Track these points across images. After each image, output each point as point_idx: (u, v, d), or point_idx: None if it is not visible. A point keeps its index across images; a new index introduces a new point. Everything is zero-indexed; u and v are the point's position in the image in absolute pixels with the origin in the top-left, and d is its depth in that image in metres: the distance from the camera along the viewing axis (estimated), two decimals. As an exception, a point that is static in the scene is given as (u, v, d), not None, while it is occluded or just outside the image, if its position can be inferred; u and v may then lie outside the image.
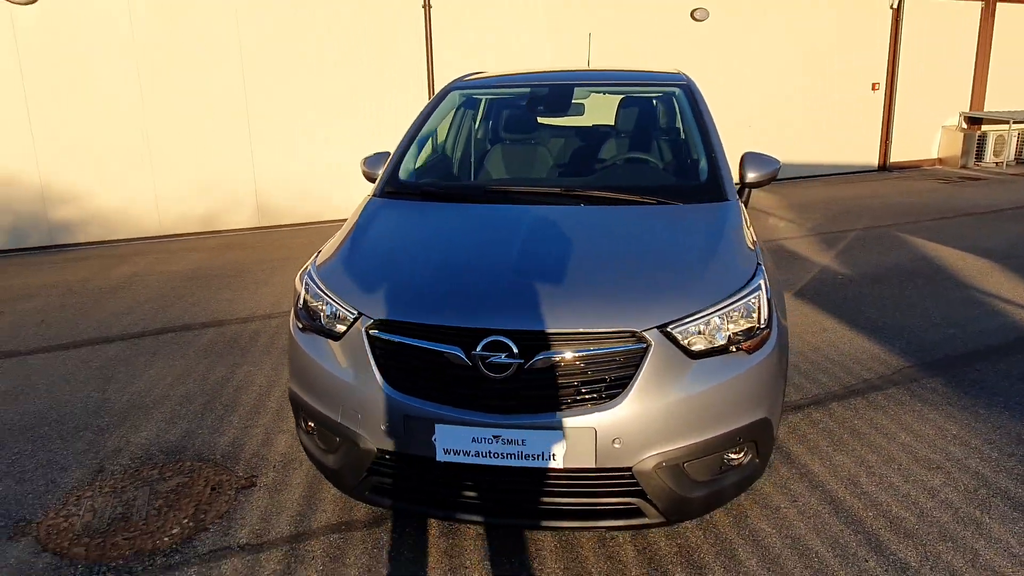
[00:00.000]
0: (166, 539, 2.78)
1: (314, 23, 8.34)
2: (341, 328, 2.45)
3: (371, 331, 2.38)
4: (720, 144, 3.34)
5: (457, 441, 2.27)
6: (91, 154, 7.70)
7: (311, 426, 2.61)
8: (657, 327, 2.26)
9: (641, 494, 2.28)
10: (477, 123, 4.16)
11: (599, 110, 4.08)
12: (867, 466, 3.23)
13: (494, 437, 2.24)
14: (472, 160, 4.02)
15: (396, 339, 2.34)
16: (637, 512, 2.31)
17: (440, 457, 2.30)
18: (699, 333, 2.33)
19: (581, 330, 2.24)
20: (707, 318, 2.33)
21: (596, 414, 2.21)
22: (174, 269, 6.86)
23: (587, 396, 2.23)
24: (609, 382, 2.23)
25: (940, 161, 13.20)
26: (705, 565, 2.58)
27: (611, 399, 2.22)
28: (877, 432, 3.53)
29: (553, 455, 2.23)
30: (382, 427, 2.34)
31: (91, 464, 3.34)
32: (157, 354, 4.68)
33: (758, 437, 2.43)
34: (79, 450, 3.46)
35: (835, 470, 3.20)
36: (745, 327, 2.42)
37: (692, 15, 10.36)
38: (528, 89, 3.93)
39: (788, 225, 8.31)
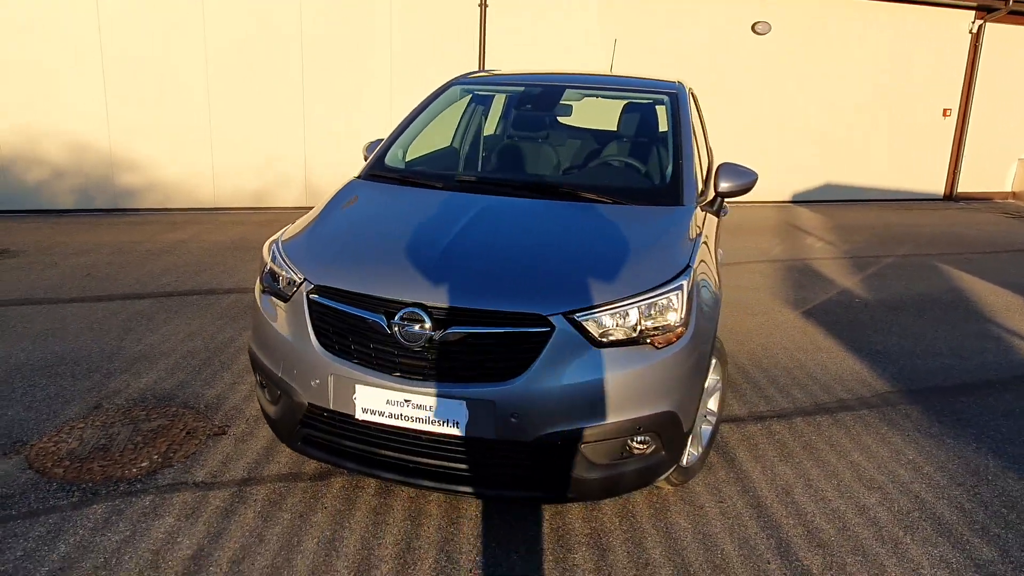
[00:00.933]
0: (134, 470, 3.09)
1: (373, 17, 8.70)
2: (289, 291, 2.70)
3: (311, 295, 2.62)
4: (691, 152, 3.44)
5: (374, 402, 2.47)
6: (158, 128, 8.27)
7: (262, 380, 2.86)
8: (563, 313, 2.41)
9: (540, 469, 2.44)
10: (470, 117, 4.36)
11: (588, 113, 4.22)
12: (807, 479, 3.27)
13: (405, 401, 2.44)
14: (460, 151, 4.23)
15: (330, 304, 2.57)
16: (535, 486, 2.47)
17: (359, 415, 2.51)
18: (609, 323, 2.46)
19: (490, 309, 2.41)
20: (618, 309, 2.47)
21: (496, 388, 2.38)
22: (218, 239, 7.32)
23: (490, 371, 2.40)
24: (512, 360, 2.40)
25: (1013, 195, 12.63)
26: (610, 549, 2.70)
27: (512, 376, 2.38)
28: (831, 449, 3.56)
29: (456, 423, 2.41)
30: (312, 383, 2.57)
31: (91, 401, 3.70)
32: (179, 313, 5.07)
33: (662, 429, 2.54)
34: (85, 388, 3.83)
35: (773, 479, 3.26)
36: (659, 323, 2.54)
37: (753, 28, 10.27)
38: (523, 88, 4.10)
39: (825, 246, 8.18)
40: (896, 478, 3.31)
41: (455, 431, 2.42)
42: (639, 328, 2.50)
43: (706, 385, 3.09)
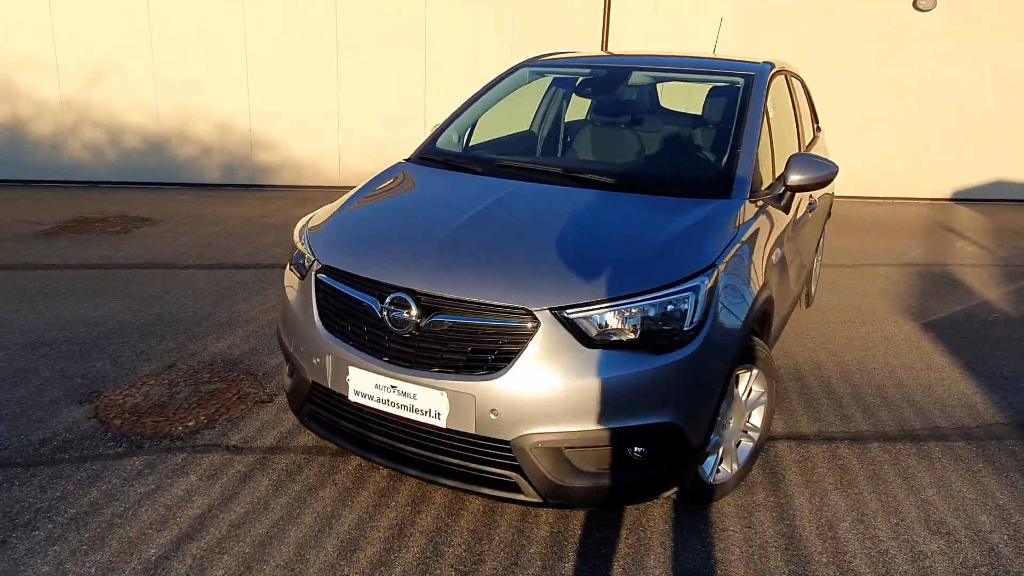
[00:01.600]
0: (180, 428, 3.30)
1: (498, 5, 8.72)
2: (303, 271, 2.74)
3: (318, 275, 2.65)
4: (753, 141, 3.12)
5: (364, 385, 2.47)
6: (292, 110, 8.79)
7: (285, 355, 2.95)
8: (550, 308, 2.27)
9: (518, 470, 2.33)
10: (550, 100, 4.22)
11: (675, 98, 3.95)
12: (860, 513, 2.91)
13: (392, 387, 2.41)
14: (535, 135, 4.12)
15: (332, 284, 2.59)
16: (515, 487, 2.36)
17: (351, 397, 2.51)
18: (606, 322, 2.29)
19: (476, 299, 2.32)
20: (616, 307, 2.29)
21: (477, 382, 2.29)
22: (335, 216, 7.68)
23: (474, 363, 2.31)
24: (496, 354, 2.29)
25: None
26: (608, 562, 2.54)
27: (495, 371, 2.28)
28: (902, 481, 3.14)
29: (439, 414, 2.35)
30: (315, 361, 2.61)
31: (168, 360, 4.00)
32: (273, 285, 5.36)
33: (660, 441, 2.34)
34: (167, 348, 4.15)
35: (820, 509, 2.92)
36: (666, 326, 2.33)
37: (915, 5, 9.24)
38: (590, 71, 3.91)
39: (975, 251, 7.25)
40: (973, 524, 2.87)
41: (437, 422, 2.36)
42: (642, 329, 2.31)
43: (747, 398, 2.84)
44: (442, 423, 2.35)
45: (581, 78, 3.91)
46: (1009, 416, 3.79)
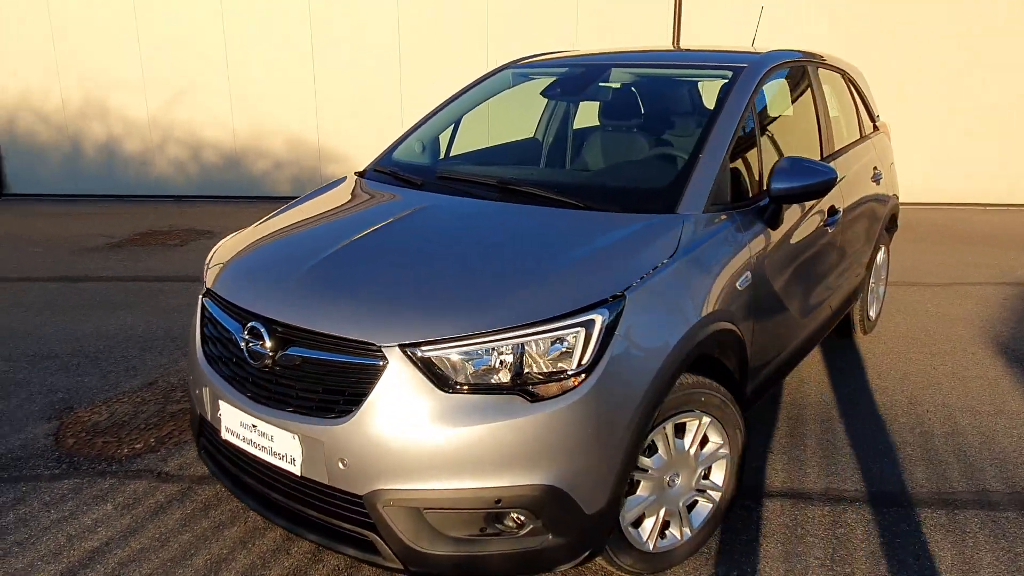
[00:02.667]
0: (125, 451, 3.22)
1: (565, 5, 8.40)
2: (200, 293, 2.56)
3: (203, 299, 2.45)
4: (720, 147, 2.63)
5: (232, 421, 2.24)
6: (356, 125, 8.85)
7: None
8: (400, 345, 1.94)
9: (374, 529, 2.02)
10: (554, 107, 3.86)
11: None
12: (841, 599, 2.36)
13: (253, 426, 2.17)
14: (519, 142, 3.78)
15: (212, 310, 2.39)
16: (373, 548, 2.05)
17: (223, 434, 2.29)
18: (466, 361, 1.94)
19: (324, 331, 2.03)
20: (479, 345, 1.93)
21: (325, 426, 2.00)
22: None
23: (324, 405, 2.03)
24: (345, 395, 2.00)
25: None
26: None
27: (344, 415, 1.98)
28: (914, 562, 2.54)
29: (293, 459, 2.08)
30: (196, 392, 2.41)
31: (152, 377, 3.97)
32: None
33: (538, 507, 1.95)
34: (157, 364, 4.14)
35: (791, 589, 2.40)
36: (546, 367, 1.95)
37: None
38: (565, 70, 3.51)
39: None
40: (990, 626, 2.25)
41: (293, 469, 2.09)
42: (514, 371, 1.94)
43: (695, 451, 2.39)
44: (297, 470, 2.08)
45: (551, 80, 3.53)
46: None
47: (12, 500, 2.86)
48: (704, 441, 2.48)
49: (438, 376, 1.93)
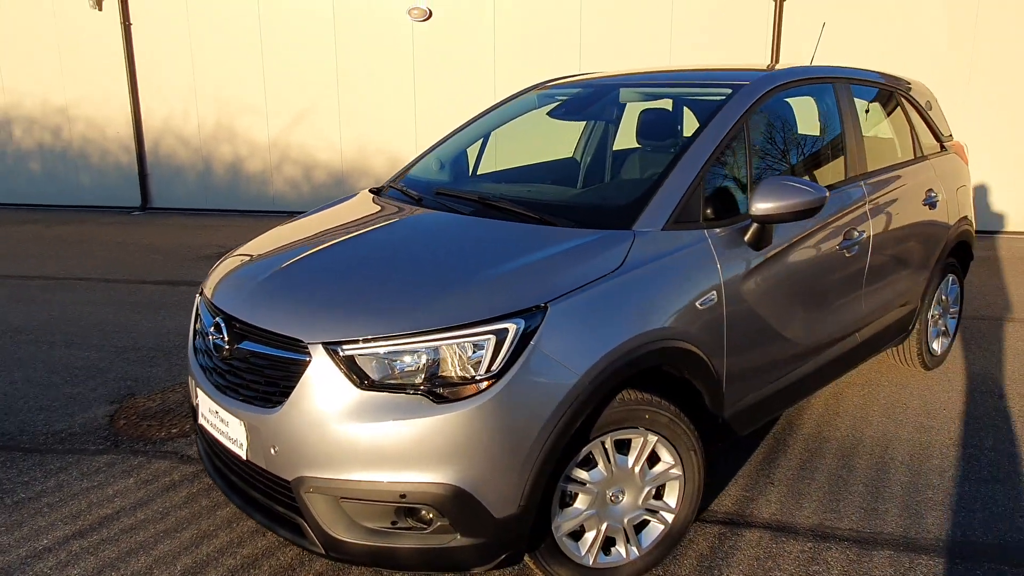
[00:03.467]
0: (162, 434, 3.58)
1: (652, 13, 8.37)
2: (206, 291, 2.84)
3: (198, 297, 2.72)
4: (698, 161, 2.59)
5: (205, 408, 2.47)
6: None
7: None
8: (324, 342, 2.08)
9: (300, 514, 2.16)
10: (592, 128, 3.91)
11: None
12: (787, 637, 2.24)
13: (216, 412, 2.38)
14: (552, 162, 3.84)
15: (200, 304, 2.64)
16: (302, 533, 2.19)
17: (199, 419, 2.53)
18: (384, 361, 2.05)
19: (263, 327, 2.21)
20: (398, 347, 2.04)
21: (262, 415, 2.17)
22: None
23: (264, 395, 2.20)
24: (280, 387, 2.16)
25: None
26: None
27: (276, 405, 2.15)
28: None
29: (241, 444, 2.27)
30: (190, 379, 2.68)
31: (209, 371, 4.36)
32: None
33: (442, 507, 2.02)
34: (218, 360, 4.54)
35: (736, 621, 2.30)
36: (458, 372, 2.02)
37: None
38: (579, 91, 3.54)
39: None
40: None
41: (241, 452, 2.28)
42: (427, 374, 2.03)
43: (639, 469, 2.38)
44: (244, 454, 2.27)
45: (557, 102, 3.57)
46: None
47: (57, 468, 3.27)
48: (656, 460, 2.44)
49: (357, 374, 2.06)
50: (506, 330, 2.04)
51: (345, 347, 2.07)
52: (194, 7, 9.57)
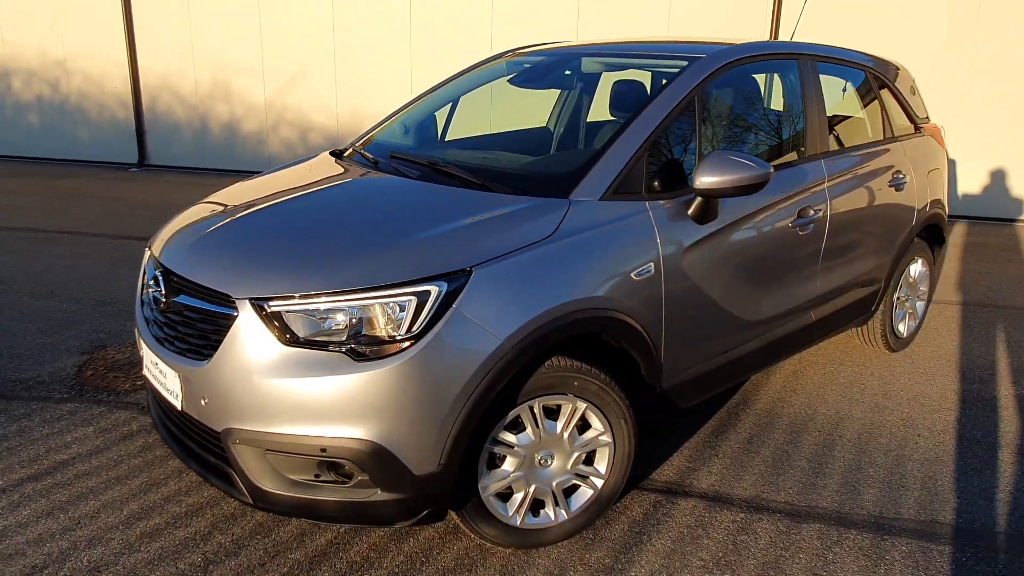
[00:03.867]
0: (127, 386, 3.65)
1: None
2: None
3: (148, 251, 2.76)
4: (643, 133, 2.59)
5: (147, 359, 2.53)
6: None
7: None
8: (251, 298, 2.12)
9: (230, 464, 2.22)
10: (566, 97, 3.90)
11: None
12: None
13: (155, 363, 2.44)
14: (525, 131, 3.84)
15: (146, 261, 2.69)
16: (232, 483, 2.25)
17: (144, 370, 2.59)
18: (306, 318, 2.09)
19: (197, 281, 2.26)
20: (321, 305, 2.08)
21: (192, 367, 2.23)
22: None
23: (196, 348, 2.25)
24: (210, 340, 2.21)
25: None
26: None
27: (206, 357, 2.20)
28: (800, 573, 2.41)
29: (177, 395, 2.33)
30: (137, 331, 2.73)
31: (182, 327, 4.43)
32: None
33: (359, 461, 2.07)
34: (192, 317, 4.60)
35: (664, 558, 2.36)
36: (379, 331, 2.06)
37: None
38: (543, 59, 3.52)
39: None
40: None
41: (176, 403, 2.34)
42: (353, 331, 2.07)
43: (569, 435, 2.42)
44: (179, 405, 2.32)
45: (519, 71, 3.55)
46: (995, 521, 2.72)
47: (21, 414, 3.35)
48: (587, 427, 2.49)
49: (282, 329, 2.10)
50: (428, 292, 2.08)
51: (272, 304, 2.11)
52: (193, -37, 9.50)
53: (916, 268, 4.21)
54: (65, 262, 5.69)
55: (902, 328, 4.25)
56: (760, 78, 3.31)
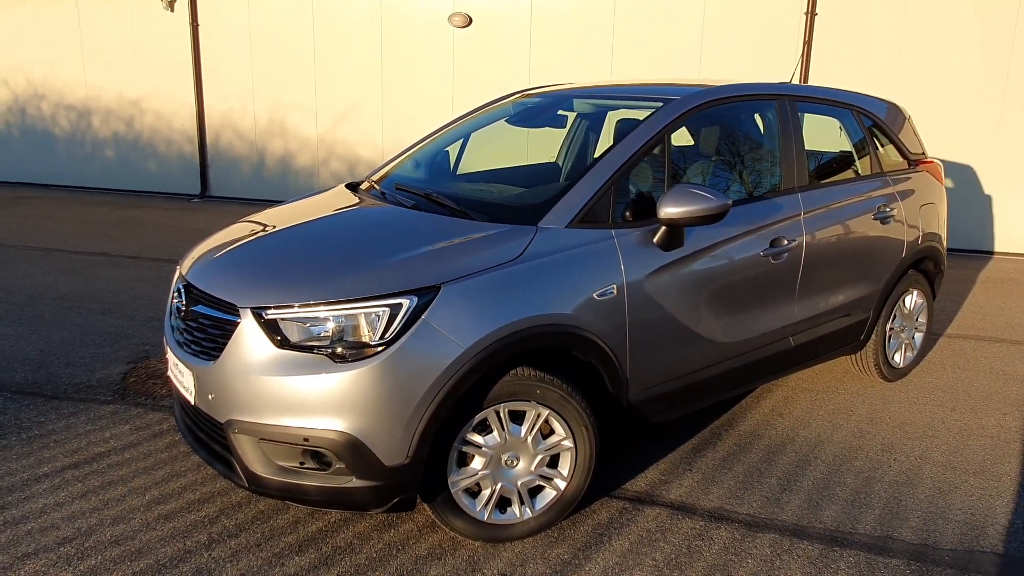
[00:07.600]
0: (163, 392, 4.07)
1: (687, 20, 8.55)
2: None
3: (177, 267, 3.16)
4: (611, 168, 2.87)
5: (171, 363, 2.90)
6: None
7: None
8: (252, 307, 2.47)
9: (230, 452, 2.56)
10: (574, 134, 4.22)
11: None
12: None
13: (176, 365, 2.81)
14: (532, 166, 4.17)
15: (175, 277, 3.08)
16: (232, 468, 2.58)
17: (168, 372, 2.97)
18: (298, 325, 2.42)
19: (209, 292, 2.63)
20: (309, 314, 2.41)
21: (203, 366, 2.58)
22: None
23: (207, 350, 2.61)
24: (218, 344, 2.56)
25: None
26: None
27: (214, 358, 2.55)
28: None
29: (190, 391, 2.69)
30: (164, 342, 3.12)
31: (219, 342, 4.86)
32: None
33: (336, 450, 2.38)
34: (229, 333, 5.03)
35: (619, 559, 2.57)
36: (357, 337, 2.38)
37: None
38: (539, 101, 3.84)
39: None
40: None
41: (191, 398, 2.69)
42: (337, 337, 2.40)
43: (532, 439, 2.70)
44: (192, 400, 2.68)
45: (517, 110, 3.88)
46: (948, 540, 2.81)
47: (69, 413, 3.78)
48: (551, 432, 2.74)
49: (276, 334, 2.44)
50: (400, 304, 2.39)
51: (269, 312, 2.46)
52: (255, 9, 10.26)
53: (911, 300, 4.32)
54: (124, 283, 6.24)
55: (897, 358, 4.35)
56: (740, 117, 3.55)
